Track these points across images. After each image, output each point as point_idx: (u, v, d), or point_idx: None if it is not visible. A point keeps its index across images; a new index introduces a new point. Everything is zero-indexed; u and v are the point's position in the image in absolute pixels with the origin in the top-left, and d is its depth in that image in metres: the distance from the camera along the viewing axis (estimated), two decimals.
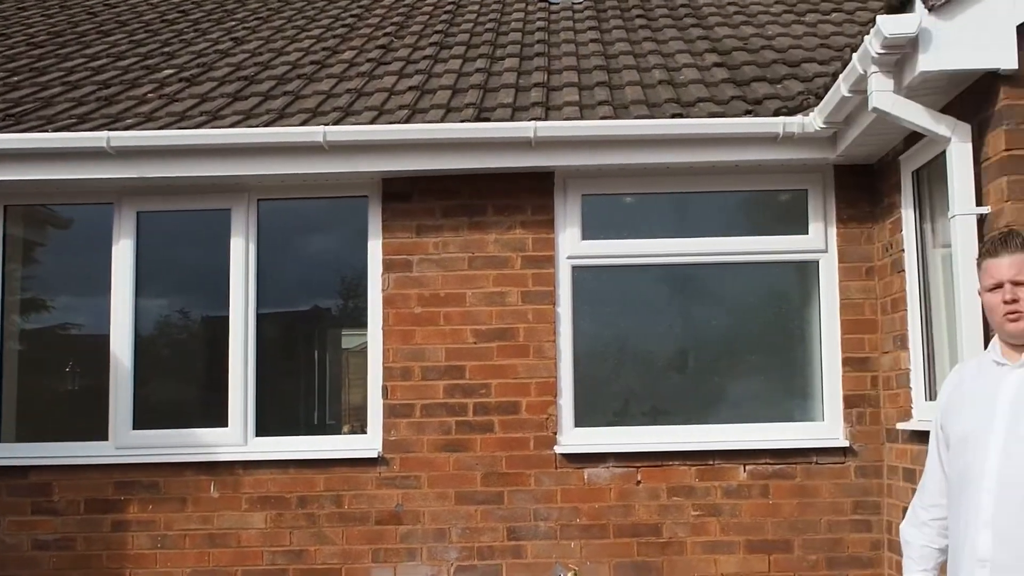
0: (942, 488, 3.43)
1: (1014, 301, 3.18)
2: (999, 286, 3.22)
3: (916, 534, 3.55)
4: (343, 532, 6.16)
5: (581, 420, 6.26)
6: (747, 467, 6.14)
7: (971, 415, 3.26)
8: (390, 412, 6.22)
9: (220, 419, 6.30)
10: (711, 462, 6.14)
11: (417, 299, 6.28)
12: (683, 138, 5.97)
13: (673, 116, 6.04)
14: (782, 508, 6.11)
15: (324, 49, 8.15)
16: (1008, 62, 4.44)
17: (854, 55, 4.87)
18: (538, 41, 8.05)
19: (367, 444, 6.23)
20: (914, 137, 5.34)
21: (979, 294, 3.39)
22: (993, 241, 3.35)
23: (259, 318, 6.40)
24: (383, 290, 6.30)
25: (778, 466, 6.14)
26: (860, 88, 4.97)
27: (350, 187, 6.38)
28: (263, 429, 6.33)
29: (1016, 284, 3.19)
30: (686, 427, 6.25)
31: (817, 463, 6.15)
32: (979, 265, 3.36)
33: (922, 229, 5.65)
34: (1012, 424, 3.12)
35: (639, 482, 6.14)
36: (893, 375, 5.96)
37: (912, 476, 5.51)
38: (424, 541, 6.14)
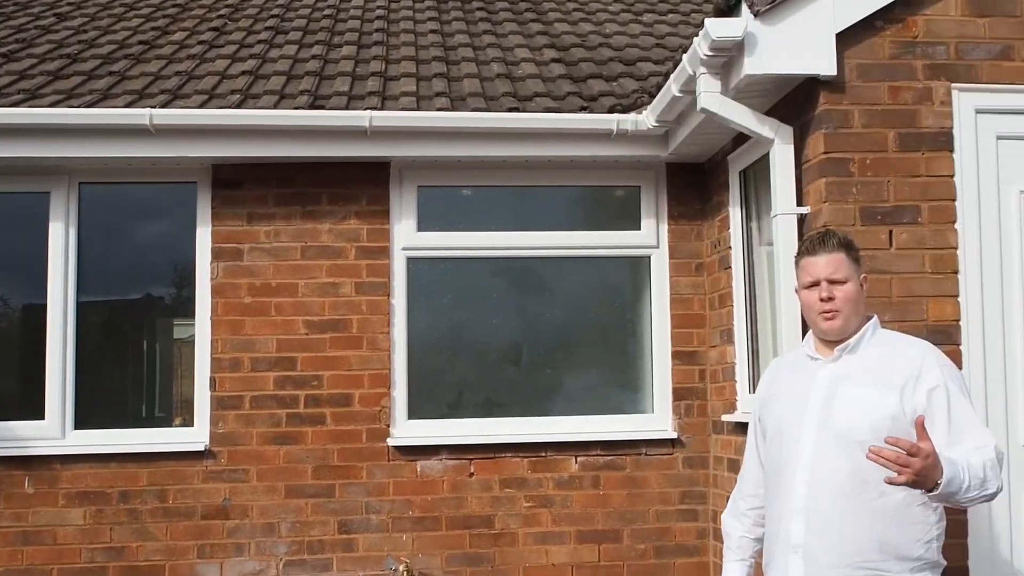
0: (759, 479, 3.54)
1: (830, 299, 3.30)
2: (816, 284, 3.33)
3: (735, 524, 3.67)
4: (167, 527, 5.97)
5: (415, 412, 6.22)
6: (579, 459, 6.22)
7: (786, 408, 3.37)
8: (218, 404, 6.06)
9: (36, 411, 6.01)
10: (543, 454, 6.20)
11: (248, 289, 6.13)
12: (519, 132, 5.99)
13: (510, 110, 6.05)
14: (612, 499, 6.22)
15: (154, 29, 7.84)
16: (827, 68, 4.61)
17: (684, 56, 4.96)
18: (377, 30, 7.95)
19: (193, 437, 6.05)
20: (741, 138, 5.49)
21: (796, 292, 3.49)
22: (811, 240, 3.46)
23: (82, 306, 6.13)
24: (212, 279, 6.12)
25: (609, 457, 6.24)
26: (690, 88, 5.07)
27: (178, 172, 6.18)
28: (83, 422, 6.06)
29: (832, 283, 3.30)
30: (519, 419, 6.29)
31: (647, 454, 6.27)
32: (797, 263, 3.46)
33: (748, 227, 5.82)
34: (823, 417, 3.24)
35: (472, 474, 6.15)
36: (720, 368, 6.14)
37: (736, 466, 5.66)
38: (252, 536, 6.00)
